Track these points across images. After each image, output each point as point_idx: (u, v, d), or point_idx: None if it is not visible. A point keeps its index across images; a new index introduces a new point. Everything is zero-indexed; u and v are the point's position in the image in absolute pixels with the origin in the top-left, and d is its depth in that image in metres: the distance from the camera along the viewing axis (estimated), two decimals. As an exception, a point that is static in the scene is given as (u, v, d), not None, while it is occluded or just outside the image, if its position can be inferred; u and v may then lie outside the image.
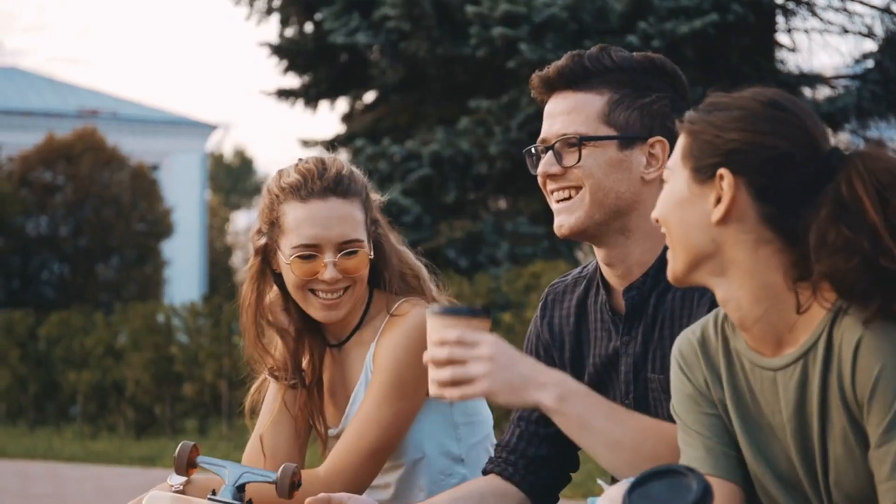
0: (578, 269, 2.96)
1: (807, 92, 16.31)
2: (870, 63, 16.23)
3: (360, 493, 3.11)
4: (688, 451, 2.32)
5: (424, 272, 3.28)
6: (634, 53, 2.78)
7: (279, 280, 3.22)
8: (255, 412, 3.36)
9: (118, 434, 18.51)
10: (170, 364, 17.85)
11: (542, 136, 2.77)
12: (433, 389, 2.50)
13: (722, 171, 2.19)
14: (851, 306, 2.15)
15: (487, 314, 2.53)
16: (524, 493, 2.87)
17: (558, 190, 2.74)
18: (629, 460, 2.47)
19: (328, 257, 3.11)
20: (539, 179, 2.78)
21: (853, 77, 16.31)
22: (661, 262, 2.68)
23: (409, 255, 3.28)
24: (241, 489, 2.85)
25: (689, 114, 2.29)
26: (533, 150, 2.79)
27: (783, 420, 2.23)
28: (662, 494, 1.97)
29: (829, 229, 2.13)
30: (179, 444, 2.99)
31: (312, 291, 3.14)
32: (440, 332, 2.48)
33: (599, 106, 2.72)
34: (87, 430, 19.09)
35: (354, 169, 3.23)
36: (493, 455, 2.93)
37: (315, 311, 3.16)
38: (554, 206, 2.76)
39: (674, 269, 2.29)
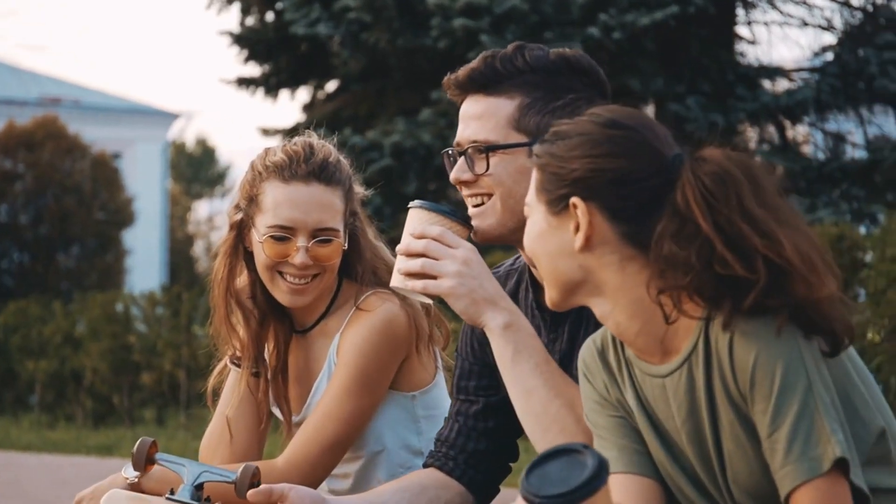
0: (510, 261, 2.96)
1: (766, 84, 16.36)
2: (829, 56, 16.32)
3: (317, 484, 3.12)
4: (603, 453, 2.30)
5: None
6: (551, 52, 2.72)
7: (249, 259, 3.21)
8: (216, 395, 3.35)
9: (76, 423, 18.42)
10: (128, 353, 17.77)
11: (456, 138, 2.74)
12: (396, 280, 2.56)
13: (574, 199, 2.22)
14: (715, 311, 2.18)
15: (469, 224, 2.61)
16: (464, 487, 2.89)
17: (471, 196, 2.73)
18: (536, 413, 2.53)
19: (301, 242, 3.10)
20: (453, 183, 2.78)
21: (812, 70, 16.39)
22: None
23: (385, 251, 3.27)
24: (199, 488, 2.85)
25: (536, 147, 2.30)
26: (449, 153, 2.76)
27: (677, 425, 2.26)
28: (558, 473, 1.98)
29: (664, 244, 2.17)
30: (138, 441, 2.97)
31: (281, 274, 3.13)
32: (422, 225, 2.55)
33: (510, 111, 2.68)
34: (45, 420, 18.99)
35: (342, 158, 3.24)
36: (432, 449, 2.93)
37: (281, 294, 3.15)
38: (469, 210, 2.75)
39: (551, 298, 2.31)
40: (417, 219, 2.57)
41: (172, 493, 2.82)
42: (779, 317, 2.14)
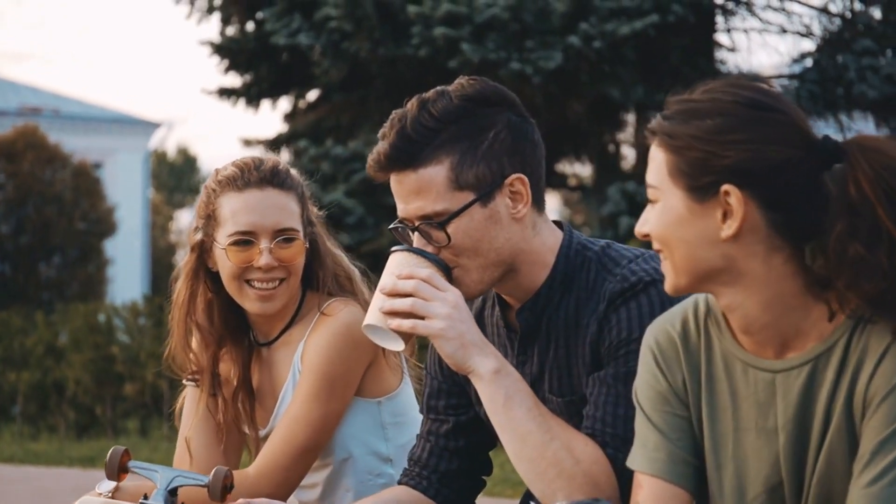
0: None
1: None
2: (808, 62, 16.35)
3: (290, 492, 3.13)
4: (647, 447, 2.28)
5: (357, 275, 3.29)
6: (453, 93, 2.64)
7: (215, 279, 3.22)
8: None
9: (59, 435, 18.37)
10: (111, 364, 17.74)
11: (400, 214, 2.67)
12: (374, 319, 2.51)
13: (727, 187, 2.11)
14: (876, 315, 2.10)
15: (449, 272, 2.58)
16: None
17: None
18: (532, 458, 2.48)
19: (264, 243, 3.12)
20: None
21: (792, 76, 16.41)
22: (551, 281, 2.67)
23: (344, 259, 3.29)
24: (173, 493, 2.86)
25: (661, 125, 2.19)
26: (399, 228, 2.69)
27: (777, 423, 2.18)
28: None
29: (848, 246, 2.07)
30: (110, 450, 2.99)
31: (248, 283, 3.15)
32: (410, 267, 2.51)
33: (444, 175, 2.60)
34: (27, 431, 18.93)
35: (291, 168, 3.25)
36: (406, 467, 2.93)
37: (250, 302, 3.16)
38: None
39: (677, 285, 2.21)
40: (403, 261, 2.53)
41: (146, 497, 2.83)
42: None
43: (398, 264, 2.53)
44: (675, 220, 2.16)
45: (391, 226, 2.71)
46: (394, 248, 2.58)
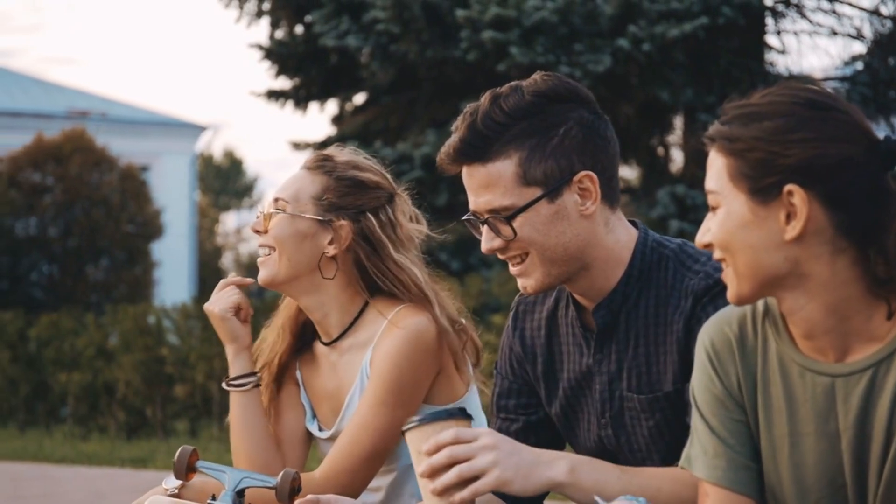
0: None
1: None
2: (859, 65, 16.26)
3: (356, 496, 3.12)
4: (708, 454, 2.26)
5: (423, 281, 3.25)
6: (525, 89, 2.65)
7: None
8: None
9: (109, 435, 18.46)
10: (161, 365, 17.82)
11: (471, 207, 2.69)
12: (434, 503, 2.43)
13: (790, 187, 2.09)
14: None
15: (468, 414, 2.50)
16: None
17: (508, 258, 2.70)
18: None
19: (262, 208, 3.25)
20: None
21: (842, 79, 16.32)
22: (627, 278, 2.67)
23: (409, 267, 3.24)
24: (240, 494, 2.86)
25: (721, 130, 2.17)
26: (470, 219, 2.71)
27: (838, 428, 2.16)
28: None
29: None
30: (179, 449, 3.00)
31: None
32: (430, 439, 2.43)
33: (512, 171, 2.62)
34: (78, 432, 19.04)
35: (354, 159, 3.30)
36: None
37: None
38: (511, 270, 2.72)
39: (740, 293, 2.17)
40: (422, 436, 2.45)
41: (214, 498, 2.84)
42: None
43: (419, 441, 2.46)
44: (739, 225, 2.13)
45: (463, 218, 2.74)
46: (404, 428, 2.49)
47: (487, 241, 2.68)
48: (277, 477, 2.83)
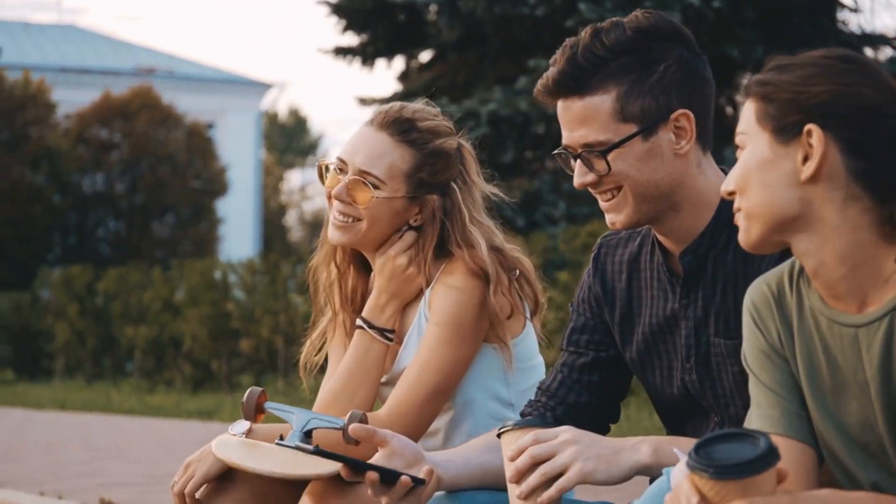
0: None
1: (869, 53, 16.13)
2: (932, 24, 16.05)
3: (420, 434, 3.13)
4: (762, 407, 2.28)
5: (484, 254, 3.23)
6: (627, 26, 2.63)
7: None
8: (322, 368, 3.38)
9: (175, 389, 18.66)
10: (226, 320, 17.97)
11: (564, 141, 2.66)
12: None
13: (810, 126, 2.11)
14: None
15: (544, 421, 2.52)
16: None
17: (599, 193, 2.67)
18: None
19: (346, 177, 3.17)
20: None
21: (915, 39, 16.13)
22: (716, 222, 2.64)
23: (476, 237, 3.23)
24: (308, 435, 2.85)
25: (756, 78, 2.20)
26: (563, 154, 2.68)
27: (866, 378, 2.17)
28: (730, 451, 1.97)
29: None
30: (248, 389, 2.99)
31: (331, 209, 3.23)
32: (512, 444, 2.46)
33: (609, 105, 2.59)
34: (145, 385, 19.26)
35: (433, 124, 3.23)
36: (532, 398, 2.92)
37: (329, 228, 3.23)
38: (601, 205, 2.69)
39: (750, 236, 2.21)
40: (503, 446, 2.51)
41: (282, 438, 2.83)
42: None
43: (510, 446, 2.49)
44: (759, 163, 2.16)
45: (555, 151, 2.73)
46: (499, 431, 2.53)
47: (580, 175, 2.64)
48: (345, 418, 2.82)
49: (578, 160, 2.62)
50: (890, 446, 2.19)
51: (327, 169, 3.23)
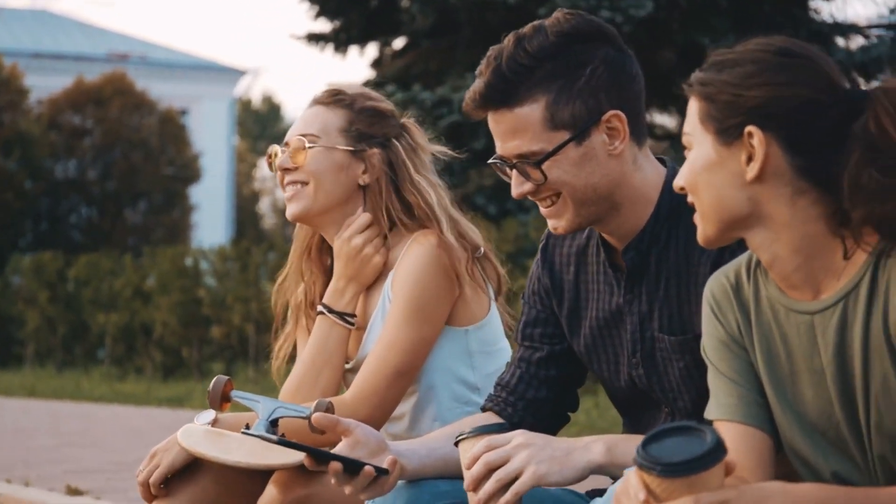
0: None
1: (840, 41, 16.18)
2: (904, 13, 16.10)
3: (386, 416, 3.14)
4: (719, 396, 2.30)
5: (434, 202, 3.26)
6: (549, 29, 2.59)
7: None
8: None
9: (145, 376, 18.63)
10: (198, 307, 17.94)
11: (498, 151, 2.63)
12: None
13: (750, 128, 2.14)
14: (895, 247, 2.12)
15: (501, 428, 2.55)
16: None
17: (539, 200, 2.65)
18: None
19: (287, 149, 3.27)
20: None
21: (888, 27, 16.18)
22: (656, 217, 2.64)
23: (427, 192, 3.26)
24: (274, 424, 2.84)
25: (697, 76, 2.22)
26: (497, 163, 2.66)
27: (822, 364, 2.21)
28: (676, 446, 1.98)
29: (861, 174, 2.10)
30: (214, 378, 2.99)
31: (284, 190, 3.31)
32: (465, 455, 2.50)
33: (539, 115, 2.56)
34: (115, 372, 19.22)
35: (365, 90, 3.33)
36: (492, 393, 2.92)
37: (287, 208, 3.29)
38: (542, 211, 2.68)
39: (706, 234, 2.24)
40: (462, 454, 2.53)
41: (248, 427, 2.82)
42: None
43: (468, 453, 2.52)
44: (705, 165, 2.20)
45: (490, 160, 2.69)
46: (457, 439, 2.56)
47: (517, 185, 2.63)
48: (310, 406, 2.81)
49: (514, 170, 2.61)
50: (847, 432, 2.21)
51: (276, 156, 3.29)
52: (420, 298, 3.13)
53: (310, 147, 3.22)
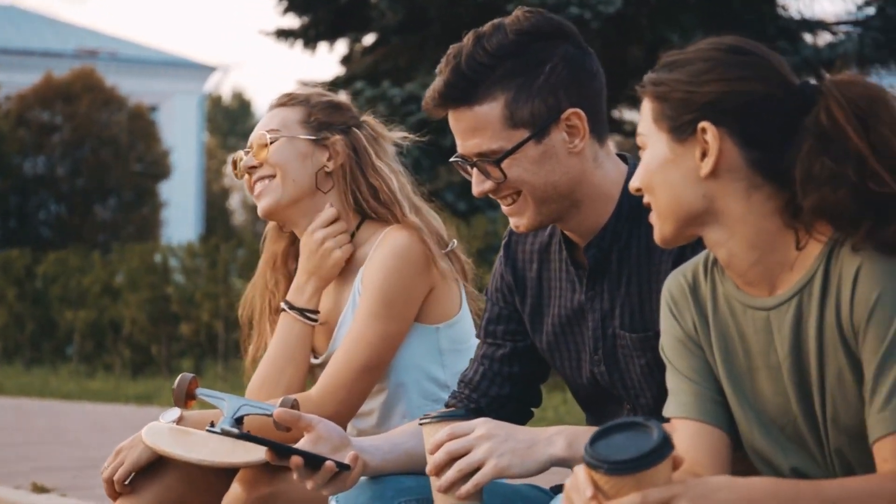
0: None
1: (808, 38, 16.22)
2: (872, 10, 16.17)
3: (352, 412, 3.15)
4: (677, 395, 2.32)
5: (396, 187, 3.28)
6: (508, 27, 2.60)
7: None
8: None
9: (114, 373, 18.56)
10: (166, 304, 17.89)
11: (458, 150, 2.64)
12: (442, 501, 2.49)
13: (703, 124, 2.17)
14: (847, 237, 2.14)
15: (466, 414, 2.56)
16: None
17: (500, 198, 2.66)
18: None
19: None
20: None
21: (855, 23, 16.23)
22: (618, 215, 2.64)
23: (385, 171, 3.29)
24: (239, 421, 2.84)
25: (649, 76, 2.24)
26: (458, 162, 2.67)
27: (779, 359, 2.22)
28: (624, 442, 1.99)
29: (814, 163, 2.12)
30: (179, 376, 2.98)
31: (252, 191, 3.34)
32: (428, 440, 2.51)
33: (499, 113, 2.57)
34: (83, 369, 19.14)
35: (318, 89, 3.38)
36: (455, 390, 2.92)
37: (258, 206, 3.33)
38: (503, 209, 2.69)
39: (663, 233, 2.26)
40: (425, 438, 2.55)
41: (213, 425, 2.82)
42: None
43: (430, 438, 2.54)
44: (660, 164, 2.22)
45: (451, 159, 2.70)
46: (420, 422, 2.58)
47: (478, 184, 2.64)
48: (276, 404, 2.81)
49: (475, 168, 2.61)
50: (805, 427, 2.23)
51: (241, 160, 3.34)
52: (389, 293, 3.14)
53: (272, 141, 3.25)
